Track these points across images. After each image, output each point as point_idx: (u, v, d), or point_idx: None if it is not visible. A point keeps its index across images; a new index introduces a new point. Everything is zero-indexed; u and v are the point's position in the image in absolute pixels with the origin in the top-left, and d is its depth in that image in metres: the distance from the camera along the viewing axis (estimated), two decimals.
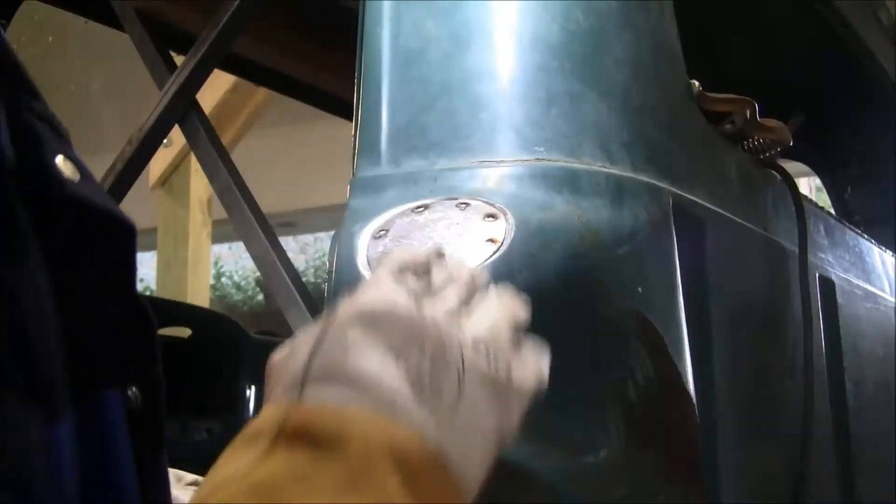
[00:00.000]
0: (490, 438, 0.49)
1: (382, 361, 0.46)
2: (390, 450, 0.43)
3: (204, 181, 3.49)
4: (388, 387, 0.45)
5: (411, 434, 0.44)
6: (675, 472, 0.70)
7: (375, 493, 0.41)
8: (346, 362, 0.46)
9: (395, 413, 0.45)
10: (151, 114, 1.20)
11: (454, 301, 0.53)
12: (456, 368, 0.48)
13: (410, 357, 0.47)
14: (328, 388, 0.45)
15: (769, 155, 1.06)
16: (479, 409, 0.49)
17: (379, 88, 0.79)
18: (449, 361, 0.48)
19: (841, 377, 1.13)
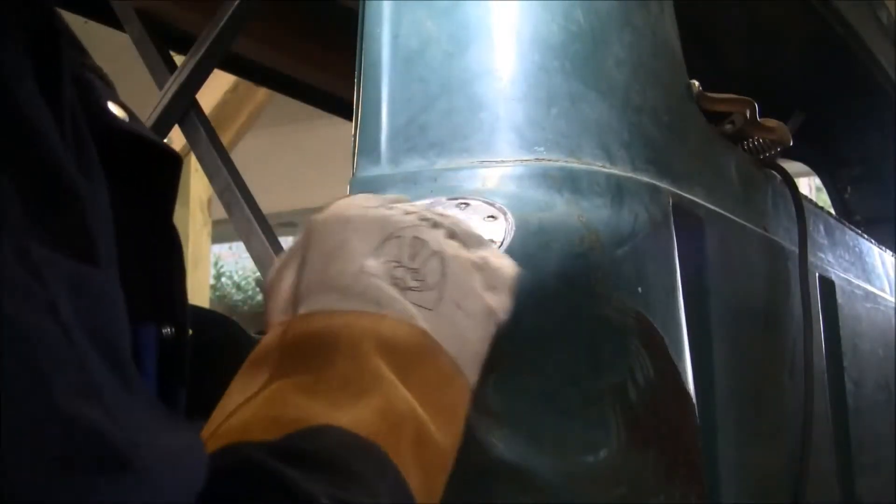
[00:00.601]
0: (483, 314, 0.51)
1: (362, 262, 0.48)
2: (377, 342, 0.44)
3: (204, 181, 3.49)
4: (369, 285, 0.47)
5: (396, 323, 0.46)
6: (675, 472, 0.70)
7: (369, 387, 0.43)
8: (329, 271, 0.48)
9: (381, 307, 0.46)
10: (151, 114, 1.20)
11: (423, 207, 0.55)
12: (437, 255, 0.50)
13: (389, 251, 0.49)
14: (315, 300, 0.47)
15: (769, 155, 1.06)
16: (465, 288, 0.50)
17: (379, 88, 0.79)
18: (428, 250, 0.50)
19: (841, 377, 1.13)
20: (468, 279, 0.51)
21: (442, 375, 0.47)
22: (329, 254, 0.48)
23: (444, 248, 0.51)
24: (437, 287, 0.49)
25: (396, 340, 0.45)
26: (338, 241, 0.49)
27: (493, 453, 0.60)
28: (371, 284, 0.47)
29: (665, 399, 0.71)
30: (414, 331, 0.46)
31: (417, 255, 0.49)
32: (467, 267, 0.51)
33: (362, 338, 0.44)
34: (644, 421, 0.68)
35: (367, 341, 0.44)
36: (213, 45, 1.16)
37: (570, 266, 0.67)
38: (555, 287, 0.66)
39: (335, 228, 0.50)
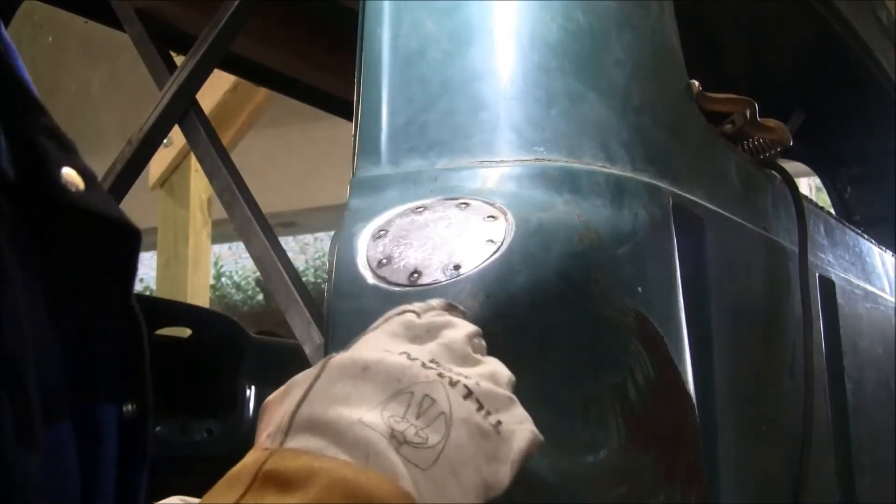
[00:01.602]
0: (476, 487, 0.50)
1: (366, 413, 0.48)
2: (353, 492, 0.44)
3: (204, 181, 3.49)
4: (365, 437, 0.46)
5: (378, 479, 0.45)
6: (675, 472, 0.70)
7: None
8: (329, 413, 0.47)
9: (369, 462, 0.46)
10: (151, 114, 1.20)
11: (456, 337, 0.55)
12: (443, 416, 0.49)
13: (396, 409, 0.48)
14: (308, 438, 0.47)
15: (769, 155, 1.06)
16: (465, 456, 0.49)
17: (379, 88, 0.79)
18: (437, 410, 0.49)
19: (841, 377, 1.13)
20: (471, 447, 0.50)
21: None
22: (334, 397, 0.48)
23: (453, 410, 0.50)
24: (436, 448, 0.48)
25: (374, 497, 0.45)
26: (347, 388, 0.49)
27: None
28: (364, 436, 0.47)
29: (665, 399, 0.71)
30: (395, 491, 0.46)
31: (425, 413, 0.49)
32: (473, 433, 0.51)
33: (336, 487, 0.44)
34: (644, 421, 0.68)
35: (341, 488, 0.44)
36: (213, 45, 1.16)
37: (570, 266, 0.67)
38: (554, 287, 0.66)
39: (350, 372, 0.50)
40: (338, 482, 0.44)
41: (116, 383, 0.46)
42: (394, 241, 0.68)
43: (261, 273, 1.09)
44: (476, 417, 0.51)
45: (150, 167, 3.27)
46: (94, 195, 0.45)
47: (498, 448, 0.52)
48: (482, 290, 0.62)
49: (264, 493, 0.44)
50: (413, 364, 0.51)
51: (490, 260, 0.64)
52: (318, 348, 0.87)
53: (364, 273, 0.67)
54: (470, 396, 0.51)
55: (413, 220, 0.69)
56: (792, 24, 1.51)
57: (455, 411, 0.50)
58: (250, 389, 1.98)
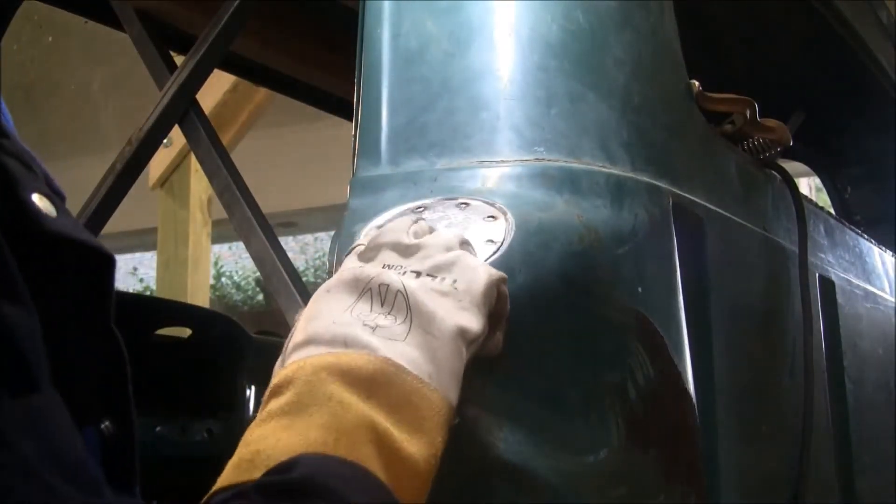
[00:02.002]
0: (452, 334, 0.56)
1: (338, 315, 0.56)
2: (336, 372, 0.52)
3: (204, 181, 3.49)
4: (336, 332, 0.54)
5: (356, 355, 0.53)
6: (675, 472, 0.70)
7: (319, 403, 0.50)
8: (307, 330, 0.56)
9: (347, 347, 0.53)
10: (151, 114, 1.20)
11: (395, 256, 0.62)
12: (401, 295, 0.57)
13: (362, 307, 0.56)
14: (297, 354, 0.55)
15: (769, 155, 1.06)
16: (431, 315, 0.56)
17: (379, 88, 0.79)
18: (393, 291, 0.57)
19: (841, 377, 1.13)
20: (434, 306, 0.57)
21: (407, 393, 0.53)
22: (310, 317, 0.57)
23: (407, 286, 0.57)
24: (405, 320, 0.56)
25: (355, 369, 0.52)
26: (318, 307, 0.57)
27: (493, 453, 0.60)
28: (338, 331, 0.54)
29: (665, 399, 0.71)
30: (373, 359, 0.53)
31: (385, 299, 0.57)
32: (432, 296, 0.58)
33: (319, 369, 0.52)
34: (644, 421, 0.68)
35: (324, 371, 0.52)
36: (213, 45, 1.16)
37: (570, 266, 0.67)
38: (555, 287, 0.66)
39: (319, 298, 0.58)
40: (321, 365, 0.52)
41: (94, 405, 0.47)
42: None
43: (261, 273, 1.09)
44: (432, 284, 0.59)
45: (150, 167, 3.26)
46: (66, 220, 0.45)
47: (461, 299, 0.58)
48: None
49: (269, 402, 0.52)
50: (364, 267, 0.60)
51: (490, 260, 0.64)
52: None
53: None
54: (420, 275, 0.59)
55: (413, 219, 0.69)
56: (792, 25, 1.51)
57: (408, 285, 0.58)
58: (250, 389, 1.98)
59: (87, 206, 1.23)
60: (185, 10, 1.43)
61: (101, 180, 1.24)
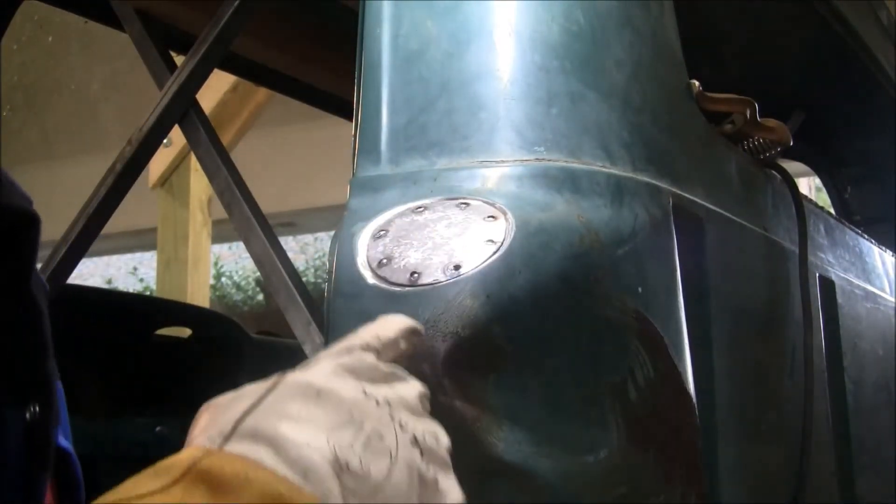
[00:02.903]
0: None
1: (312, 435, 0.47)
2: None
3: (204, 181, 3.49)
4: (307, 457, 0.46)
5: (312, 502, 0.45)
6: (675, 472, 0.70)
7: None
8: (275, 428, 0.47)
9: (306, 481, 0.45)
10: (151, 114, 1.20)
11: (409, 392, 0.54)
12: (389, 454, 0.49)
13: (344, 436, 0.48)
14: (249, 446, 0.46)
15: (769, 155, 1.06)
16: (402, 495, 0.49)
17: (379, 88, 0.79)
18: (384, 448, 0.49)
19: (841, 377, 1.13)
20: (410, 491, 0.50)
21: None
22: (283, 414, 0.48)
23: (399, 451, 0.50)
24: (376, 482, 0.48)
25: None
26: (298, 407, 0.49)
27: (493, 453, 0.60)
28: (306, 457, 0.46)
29: (665, 399, 0.71)
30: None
31: (371, 447, 0.49)
32: (414, 479, 0.51)
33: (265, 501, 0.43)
34: (644, 421, 0.68)
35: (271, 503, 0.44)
36: (213, 45, 1.16)
37: (571, 266, 0.67)
38: (555, 287, 0.66)
39: (303, 393, 0.50)
40: (269, 496, 0.43)
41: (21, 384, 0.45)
42: (394, 241, 0.68)
43: (261, 273, 1.09)
44: (420, 465, 0.51)
45: (150, 167, 3.27)
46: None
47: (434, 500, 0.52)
48: (482, 290, 0.62)
49: (194, 490, 0.43)
50: (368, 400, 0.51)
51: (490, 260, 0.64)
52: (318, 348, 0.88)
53: (364, 273, 0.67)
54: (416, 444, 0.52)
55: (413, 220, 0.69)
56: (792, 24, 1.51)
57: (401, 453, 0.50)
58: None
59: (87, 206, 1.23)
60: (185, 10, 1.43)
61: (101, 180, 1.24)
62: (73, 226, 1.23)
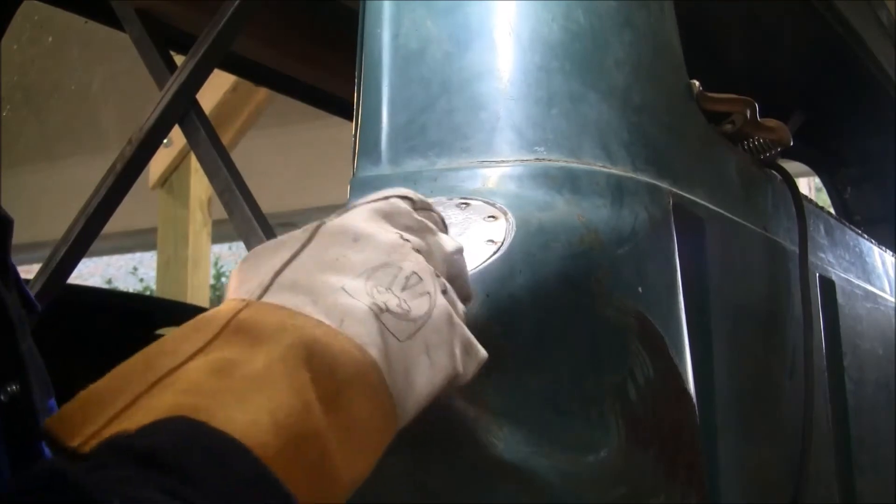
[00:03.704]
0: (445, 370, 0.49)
1: (350, 281, 0.47)
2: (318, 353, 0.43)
3: (204, 181, 3.49)
4: (344, 303, 0.46)
5: (349, 345, 0.45)
6: (675, 472, 0.70)
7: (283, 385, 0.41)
8: (313, 278, 0.47)
9: (343, 325, 0.45)
10: (151, 114, 1.20)
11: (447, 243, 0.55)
12: (428, 296, 0.49)
13: (382, 279, 0.48)
14: (287, 297, 0.46)
15: (769, 155, 1.06)
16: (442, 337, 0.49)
17: (379, 88, 0.79)
18: (422, 288, 0.49)
19: (841, 377, 1.13)
20: (449, 331, 0.50)
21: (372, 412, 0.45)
22: (321, 263, 0.48)
23: (437, 295, 0.50)
24: (416, 322, 0.48)
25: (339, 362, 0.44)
26: (337, 253, 0.49)
27: (493, 453, 0.60)
28: (344, 303, 0.46)
29: (665, 399, 0.71)
30: (363, 359, 0.45)
31: (410, 288, 0.49)
32: (452, 321, 0.51)
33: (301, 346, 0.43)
34: (644, 421, 0.68)
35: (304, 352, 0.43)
36: (213, 45, 1.16)
37: (571, 266, 0.67)
38: (555, 287, 0.66)
39: (342, 240, 0.50)
40: (305, 341, 0.43)
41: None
42: None
43: None
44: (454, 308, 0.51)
45: (150, 167, 3.26)
46: None
47: (471, 345, 0.52)
48: (482, 289, 0.62)
49: (233, 342, 0.43)
50: (405, 244, 0.51)
51: (490, 260, 0.64)
52: None
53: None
54: (447, 293, 0.52)
55: None
56: (792, 24, 1.51)
57: (438, 296, 0.50)
58: None
59: (87, 206, 1.23)
60: (185, 10, 1.43)
61: (101, 180, 1.24)
62: (73, 226, 1.23)
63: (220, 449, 0.37)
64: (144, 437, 0.36)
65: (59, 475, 0.34)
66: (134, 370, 0.41)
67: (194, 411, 0.38)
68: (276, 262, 0.48)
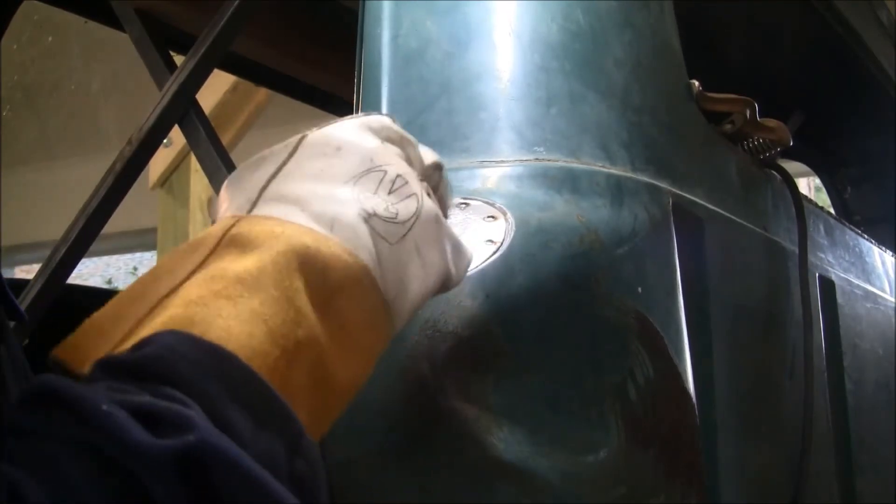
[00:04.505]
0: (437, 268, 0.50)
1: (337, 187, 0.48)
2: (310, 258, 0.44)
3: (204, 181, 3.48)
4: (332, 209, 0.46)
5: (340, 250, 0.45)
6: (675, 472, 0.70)
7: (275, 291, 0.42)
8: (300, 188, 0.47)
9: (333, 230, 0.46)
10: (151, 114, 1.20)
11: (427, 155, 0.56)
12: (415, 197, 0.50)
13: (368, 184, 0.49)
14: (276, 207, 0.46)
15: (769, 155, 1.06)
16: (432, 237, 0.50)
17: (379, 88, 0.79)
18: (409, 190, 0.50)
19: (841, 377, 1.13)
20: (438, 230, 0.51)
21: (366, 316, 0.46)
22: (306, 173, 0.49)
23: (423, 196, 0.51)
24: (405, 224, 0.49)
25: (330, 267, 0.45)
26: (320, 164, 0.49)
27: (493, 453, 0.60)
28: (330, 208, 0.47)
29: (665, 399, 0.71)
30: (354, 263, 0.45)
31: (396, 191, 0.49)
32: (440, 220, 0.52)
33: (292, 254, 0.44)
34: (644, 421, 0.68)
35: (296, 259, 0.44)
36: (213, 45, 1.16)
37: (570, 266, 0.67)
38: (554, 287, 0.66)
39: (325, 150, 0.50)
40: (296, 247, 0.44)
41: None
42: None
43: None
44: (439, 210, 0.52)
45: (150, 167, 3.26)
46: None
47: (459, 244, 0.53)
48: (482, 290, 0.62)
49: (225, 254, 0.44)
50: (388, 149, 0.52)
51: (490, 260, 0.64)
52: None
53: None
54: (432, 196, 0.53)
55: None
56: (792, 24, 1.51)
57: (425, 198, 0.51)
58: None
59: (87, 206, 1.23)
60: (185, 10, 1.43)
61: (101, 180, 1.24)
62: (73, 226, 1.23)
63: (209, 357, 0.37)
64: (135, 352, 0.37)
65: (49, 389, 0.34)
66: (134, 295, 0.42)
67: (189, 324, 0.39)
68: (262, 176, 0.49)
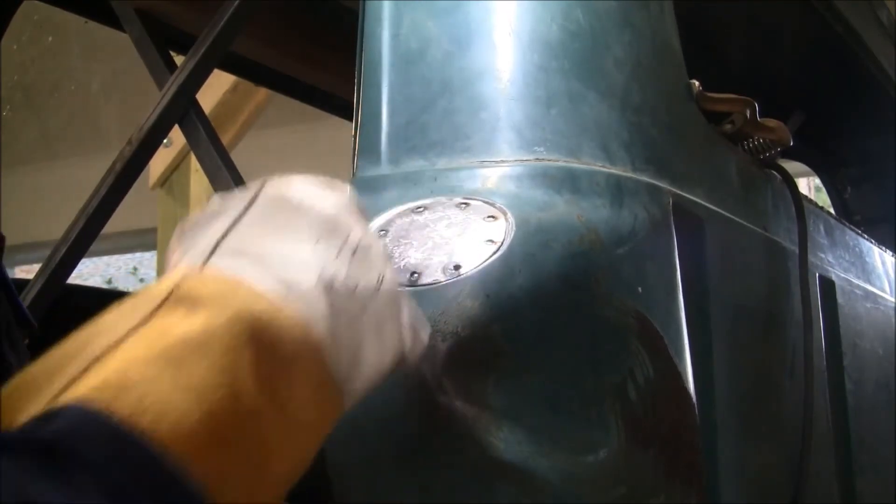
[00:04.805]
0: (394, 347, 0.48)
1: (298, 248, 0.45)
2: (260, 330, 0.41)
3: (204, 181, 3.48)
4: (290, 271, 0.44)
5: (292, 325, 0.42)
6: (675, 472, 0.70)
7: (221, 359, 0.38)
8: (259, 243, 0.45)
9: (289, 295, 0.43)
10: (151, 114, 1.20)
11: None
12: (378, 271, 0.47)
13: (330, 249, 0.46)
14: (233, 262, 0.43)
15: (769, 155, 1.06)
16: (391, 314, 0.48)
17: (379, 88, 0.79)
18: (371, 262, 0.47)
19: (841, 377, 1.13)
20: (398, 306, 0.48)
21: (314, 394, 0.43)
22: (271, 225, 0.46)
23: (386, 267, 0.48)
24: (365, 297, 0.46)
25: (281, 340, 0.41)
26: (285, 219, 0.46)
27: (493, 453, 0.60)
28: (289, 272, 0.44)
29: (665, 399, 0.71)
30: (306, 340, 0.42)
31: (358, 258, 0.47)
32: (401, 294, 0.49)
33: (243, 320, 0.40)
34: (644, 421, 0.68)
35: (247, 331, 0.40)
36: (213, 45, 1.16)
37: (571, 266, 0.67)
38: (555, 287, 0.66)
39: (287, 206, 0.47)
40: (247, 315, 0.41)
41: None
42: (394, 241, 0.68)
43: None
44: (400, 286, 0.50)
45: (150, 167, 3.26)
46: None
47: (420, 318, 0.51)
48: (482, 290, 0.62)
49: (172, 312, 0.40)
50: (351, 210, 0.49)
51: (490, 260, 0.64)
52: None
53: None
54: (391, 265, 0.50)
55: (413, 220, 0.69)
56: (792, 24, 1.51)
57: (387, 268, 0.48)
58: None
59: (87, 206, 1.23)
60: (185, 10, 1.43)
61: (101, 180, 1.24)
62: (73, 226, 1.23)
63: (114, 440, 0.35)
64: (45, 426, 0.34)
65: None
66: (72, 351, 0.39)
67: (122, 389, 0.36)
68: (219, 227, 0.46)
